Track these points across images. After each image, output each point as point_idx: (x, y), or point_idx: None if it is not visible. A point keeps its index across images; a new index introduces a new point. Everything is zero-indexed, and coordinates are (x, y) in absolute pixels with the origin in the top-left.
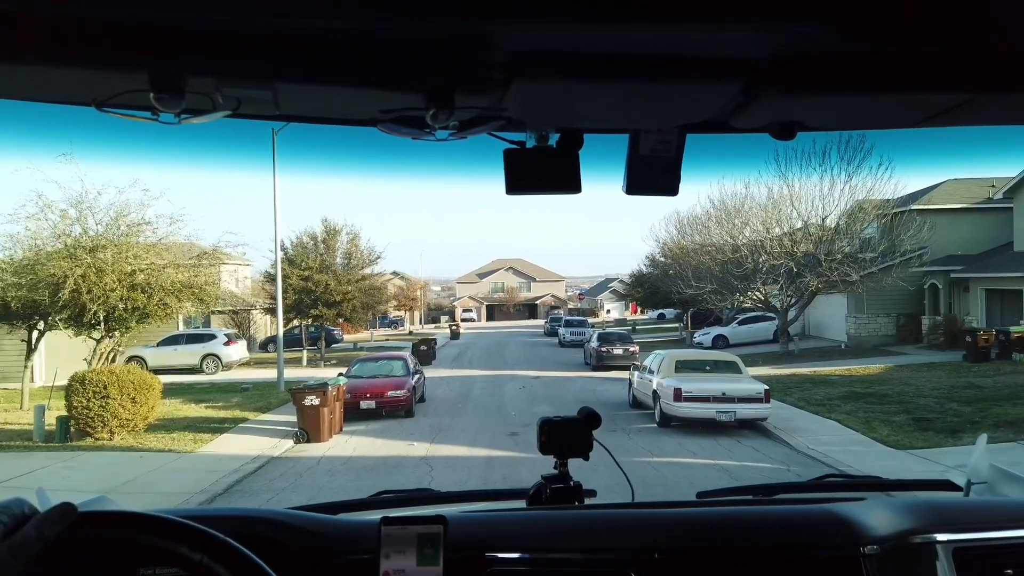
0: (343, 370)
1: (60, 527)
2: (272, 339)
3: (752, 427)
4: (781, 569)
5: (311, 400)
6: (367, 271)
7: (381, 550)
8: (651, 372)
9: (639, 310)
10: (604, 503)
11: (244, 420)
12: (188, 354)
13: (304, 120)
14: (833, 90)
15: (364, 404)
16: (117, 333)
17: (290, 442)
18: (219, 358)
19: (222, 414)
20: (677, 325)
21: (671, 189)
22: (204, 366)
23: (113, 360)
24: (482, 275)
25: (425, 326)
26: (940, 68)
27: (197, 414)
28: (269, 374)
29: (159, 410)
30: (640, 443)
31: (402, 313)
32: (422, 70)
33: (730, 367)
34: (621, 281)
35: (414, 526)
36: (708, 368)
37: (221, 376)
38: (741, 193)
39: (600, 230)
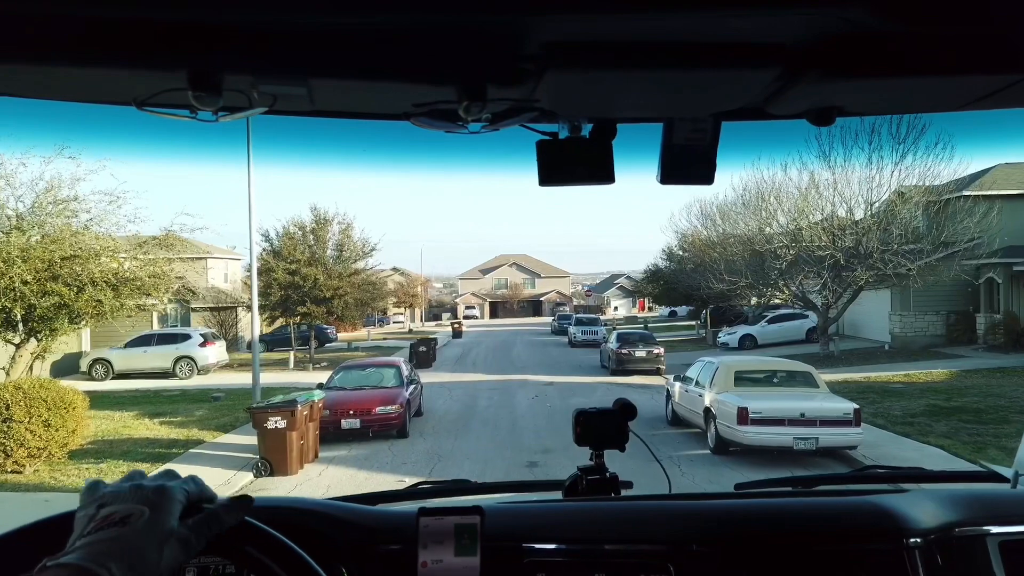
0: (323, 379)
1: (238, 517)
2: (261, 337)
3: (833, 456)
4: (822, 562)
5: (275, 422)
6: (361, 265)
7: (419, 540)
8: (699, 384)
9: (647, 307)
10: (641, 494)
11: (199, 443)
12: (159, 356)
13: (337, 115)
14: (874, 74)
15: (346, 423)
16: (42, 335)
17: (249, 475)
18: (194, 361)
19: (175, 434)
20: (693, 323)
21: (706, 177)
22: (177, 370)
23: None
24: (485, 271)
25: (426, 324)
26: (987, 48)
27: (145, 433)
28: (249, 379)
29: (85, 432)
30: (697, 478)
31: (401, 310)
32: (455, 63)
33: (803, 379)
34: (628, 277)
35: (451, 517)
36: (776, 381)
37: (195, 381)
38: (778, 176)
39: (607, 226)
